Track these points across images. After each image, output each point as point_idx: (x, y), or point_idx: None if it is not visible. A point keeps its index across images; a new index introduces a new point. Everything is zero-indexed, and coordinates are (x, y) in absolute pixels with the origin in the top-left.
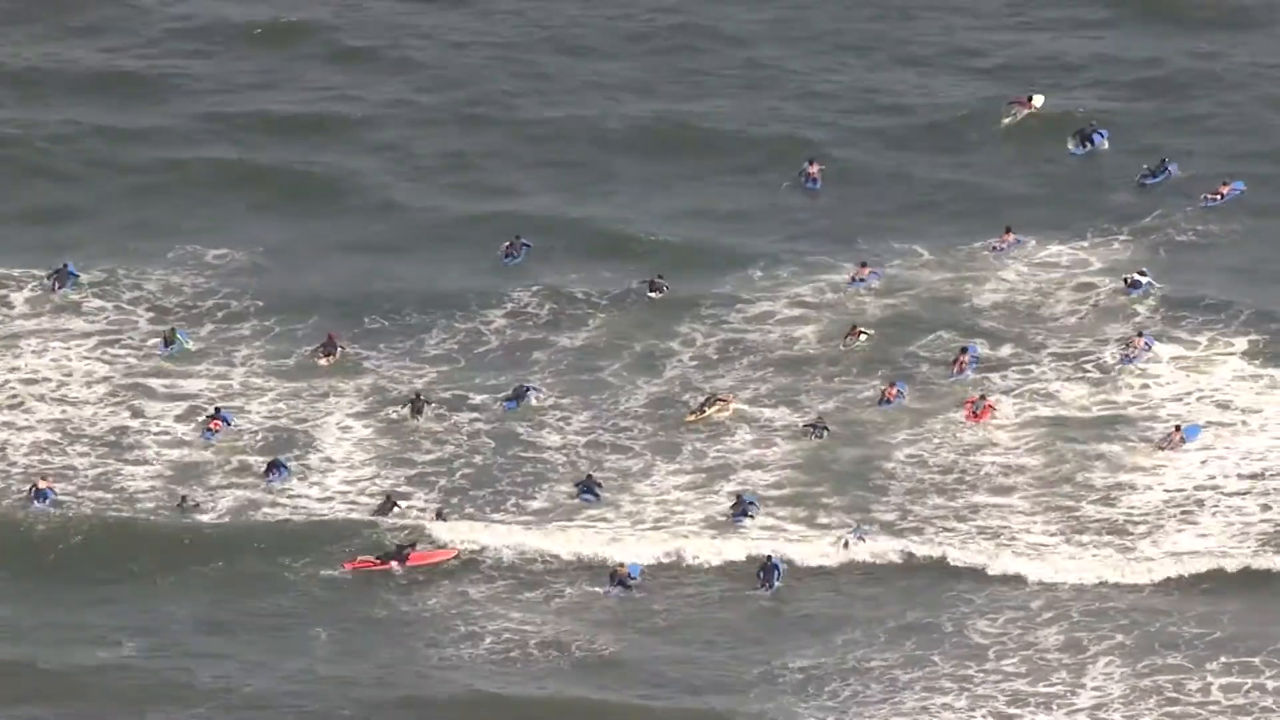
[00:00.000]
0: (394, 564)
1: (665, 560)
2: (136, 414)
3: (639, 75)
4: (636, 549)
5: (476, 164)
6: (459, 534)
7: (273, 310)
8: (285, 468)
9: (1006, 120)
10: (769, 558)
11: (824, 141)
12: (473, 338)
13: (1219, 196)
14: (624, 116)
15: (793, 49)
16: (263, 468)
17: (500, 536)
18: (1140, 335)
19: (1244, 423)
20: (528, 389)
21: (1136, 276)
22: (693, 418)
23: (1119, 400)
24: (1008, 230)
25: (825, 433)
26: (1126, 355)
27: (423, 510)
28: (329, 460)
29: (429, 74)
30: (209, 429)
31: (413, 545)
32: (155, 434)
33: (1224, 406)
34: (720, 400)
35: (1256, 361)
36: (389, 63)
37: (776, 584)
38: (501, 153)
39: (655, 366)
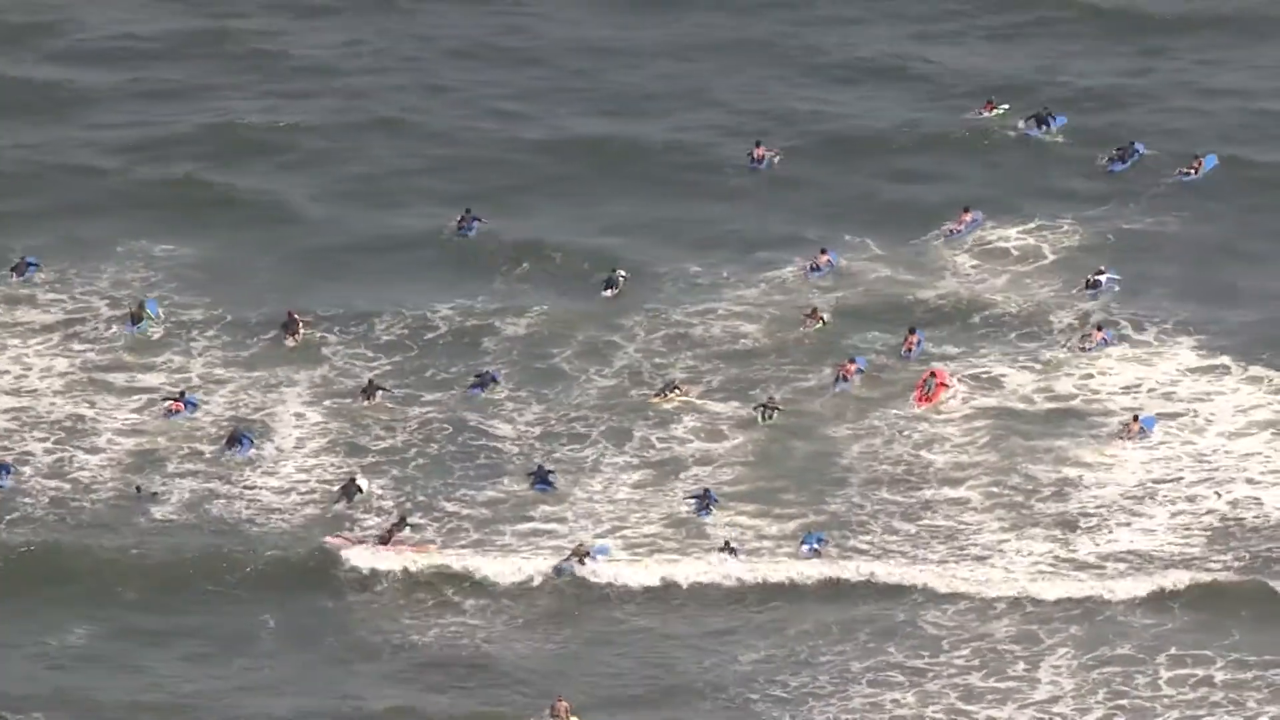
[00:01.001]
0: (376, 546)
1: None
2: (93, 404)
3: (563, 88)
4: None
5: (406, 178)
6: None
7: (223, 303)
8: (248, 439)
9: (967, 115)
10: (726, 542)
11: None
12: (422, 325)
13: (1194, 171)
14: (553, 128)
15: (729, 58)
16: (224, 441)
17: (465, 560)
18: (1100, 329)
19: (1193, 417)
20: (493, 375)
21: (1096, 277)
22: (656, 399)
23: (1069, 393)
24: (966, 210)
25: (775, 413)
26: (1083, 346)
27: (380, 495)
28: (282, 450)
29: (351, 87)
30: (171, 410)
31: (402, 521)
32: (112, 424)
33: (1173, 399)
34: (678, 389)
35: (1204, 354)
36: (315, 75)
37: (733, 567)
38: (436, 168)
39: (605, 358)
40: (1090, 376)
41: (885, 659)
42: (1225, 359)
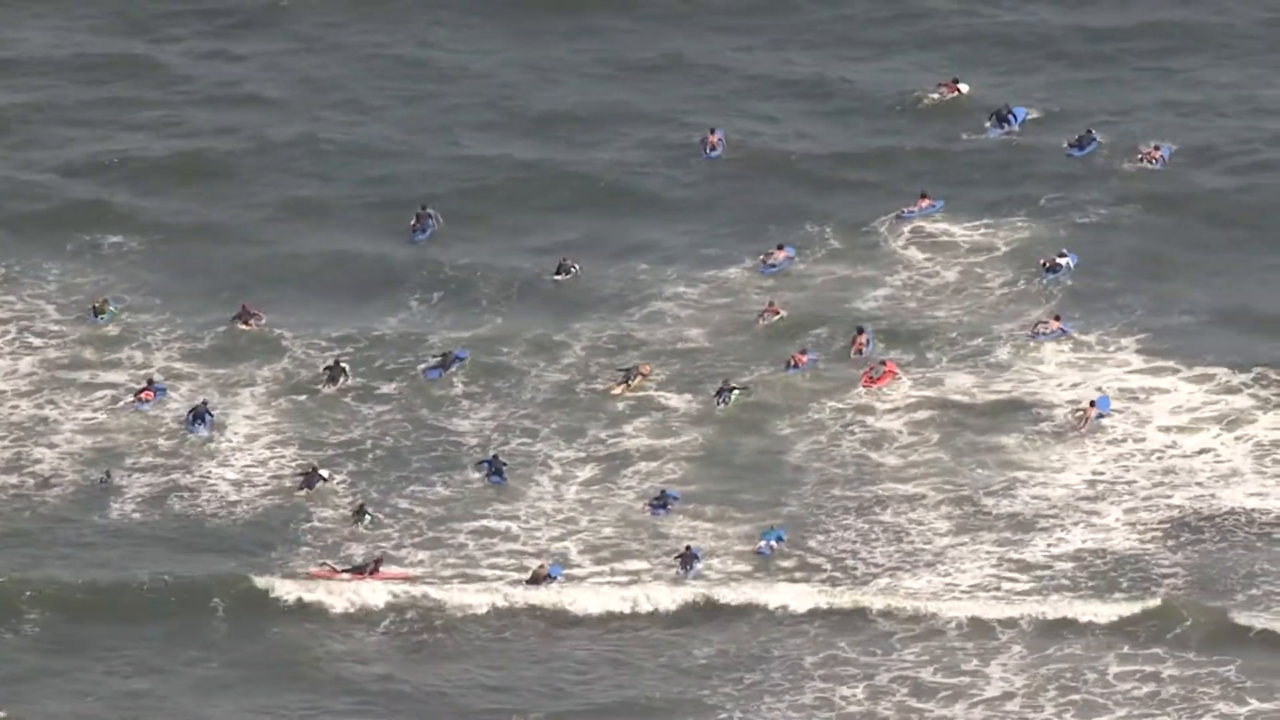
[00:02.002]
0: (359, 577)
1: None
2: (53, 402)
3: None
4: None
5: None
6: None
7: (176, 295)
8: (209, 415)
9: (928, 100)
10: (688, 547)
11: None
12: (377, 319)
13: (1152, 160)
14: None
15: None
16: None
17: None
18: (1057, 318)
19: (1136, 413)
20: (456, 357)
21: (1056, 260)
22: (619, 389)
23: (1019, 389)
24: (923, 195)
25: (733, 394)
26: (1039, 333)
27: (342, 481)
28: (234, 445)
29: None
30: (140, 399)
31: (379, 562)
32: (72, 419)
33: (1122, 394)
34: (640, 372)
35: (1148, 353)
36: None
37: (696, 568)
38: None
39: (554, 357)
40: (1038, 374)
41: (836, 654)
42: (1170, 361)
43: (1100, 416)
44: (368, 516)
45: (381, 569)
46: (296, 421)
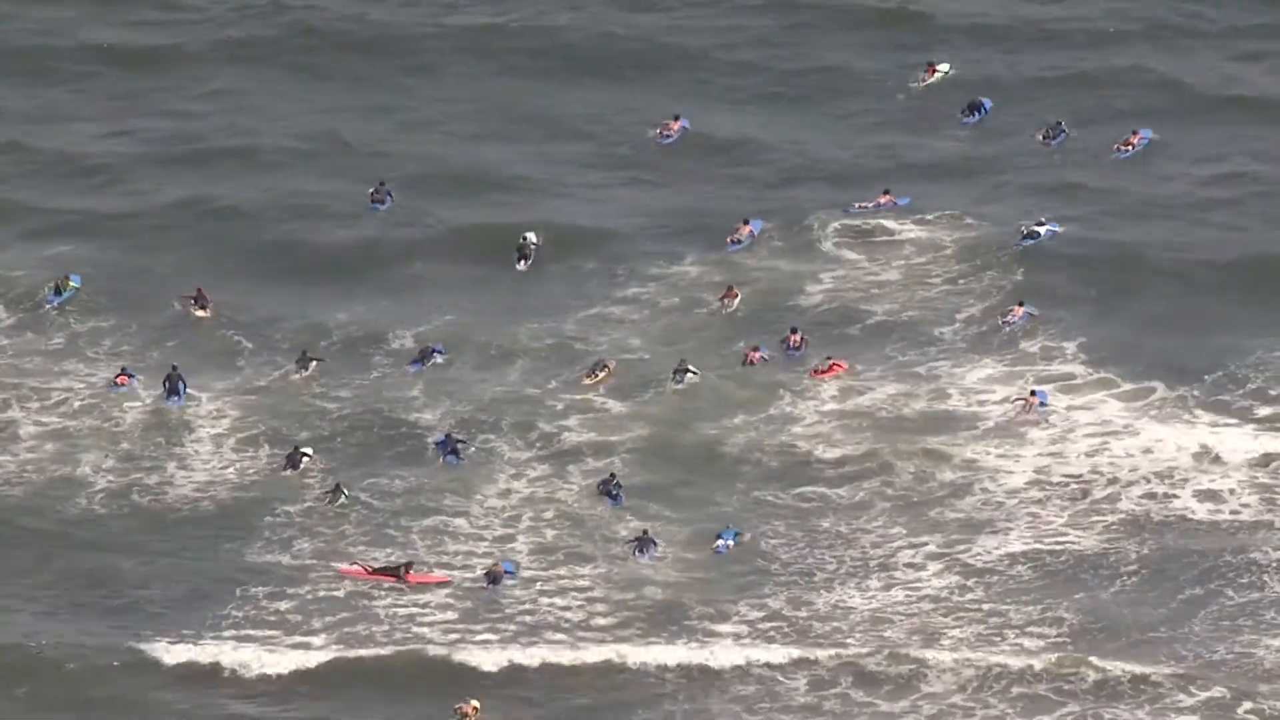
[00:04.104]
0: (390, 577)
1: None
2: (8, 404)
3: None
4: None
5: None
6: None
7: (123, 293)
8: (183, 384)
9: (912, 85)
10: (645, 532)
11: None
12: (336, 306)
13: (1130, 147)
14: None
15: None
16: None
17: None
18: (1021, 304)
19: (1070, 416)
20: (433, 350)
21: (1035, 227)
22: (590, 380)
23: (948, 387)
24: (885, 192)
25: (687, 376)
26: (1006, 321)
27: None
28: (199, 441)
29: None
30: (115, 383)
31: (409, 565)
32: (29, 422)
33: (1068, 392)
34: (606, 365)
35: (1087, 359)
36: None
37: (653, 555)
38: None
39: (507, 354)
40: (981, 378)
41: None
42: (1110, 369)
43: (1042, 405)
44: (343, 495)
45: (411, 572)
46: (258, 415)
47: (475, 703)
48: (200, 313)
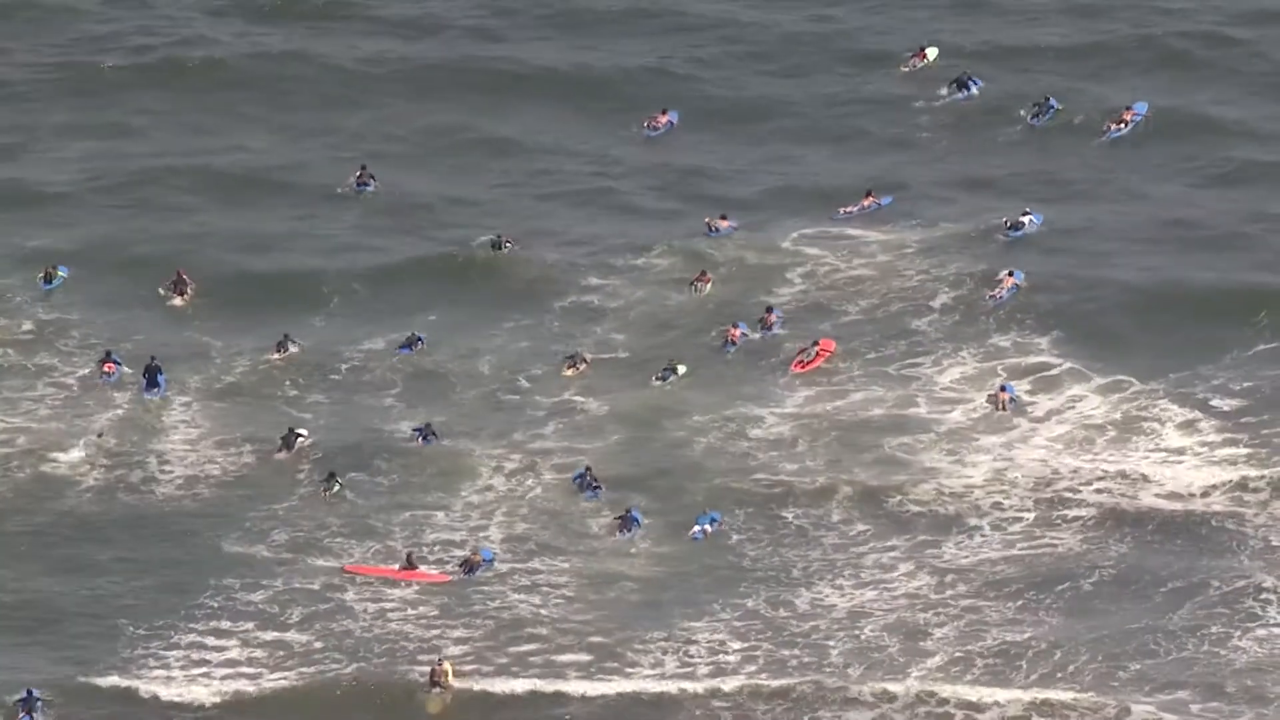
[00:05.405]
0: (393, 572)
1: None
2: None
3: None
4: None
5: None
6: None
7: (100, 288)
8: (161, 375)
9: (904, 70)
10: (629, 510)
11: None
12: (315, 303)
13: (1124, 124)
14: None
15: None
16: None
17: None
18: (1011, 274)
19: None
20: (419, 337)
21: (1020, 219)
22: (570, 372)
23: (925, 385)
24: (868, 194)
25: (674, 374)
26: (994, 296)
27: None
28: (176, 441)
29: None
30: (104, 372)
31: (411, 560)
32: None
33: (1042, 389)
34: (583, 359)
35: (1060, 352)
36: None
37: (635, 532)
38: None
39: (480, 351)
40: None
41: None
42: (1083, 361)
43: (1012, 400)
44: (337, 484)
45: (414, 569)
46: (235, 412)
47: (447, 665)
48: (177, 300)
